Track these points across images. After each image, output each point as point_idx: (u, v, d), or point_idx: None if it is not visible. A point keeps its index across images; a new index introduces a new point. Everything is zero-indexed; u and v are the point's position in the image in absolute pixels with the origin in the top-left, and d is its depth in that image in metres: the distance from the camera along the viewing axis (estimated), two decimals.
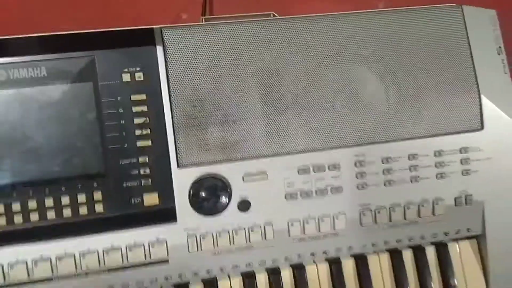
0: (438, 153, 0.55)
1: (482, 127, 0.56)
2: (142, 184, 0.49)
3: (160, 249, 0.50)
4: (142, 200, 0.49)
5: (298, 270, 0.53)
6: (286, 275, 0.53)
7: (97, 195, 0.49)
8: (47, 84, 0.48)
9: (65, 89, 0.48)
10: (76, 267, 0.48)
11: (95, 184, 0.49)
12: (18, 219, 0.47)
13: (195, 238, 0.50)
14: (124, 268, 0.49)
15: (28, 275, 0.47)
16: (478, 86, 0.56)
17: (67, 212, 0.48)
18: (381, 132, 0.54)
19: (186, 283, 0.51)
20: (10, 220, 0.47)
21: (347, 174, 0.53)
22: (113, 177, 0.49)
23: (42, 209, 0.47)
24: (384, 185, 0.54)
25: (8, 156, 0.47)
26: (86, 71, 0.48)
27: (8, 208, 0.47)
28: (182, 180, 0.50)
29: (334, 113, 0.53)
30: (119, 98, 0.49)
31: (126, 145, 0.49)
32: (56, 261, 0.48)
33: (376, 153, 0.54)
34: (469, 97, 0.56)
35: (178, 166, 0.50)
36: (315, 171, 0.53)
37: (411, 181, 0.55)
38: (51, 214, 0.48)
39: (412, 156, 0.54)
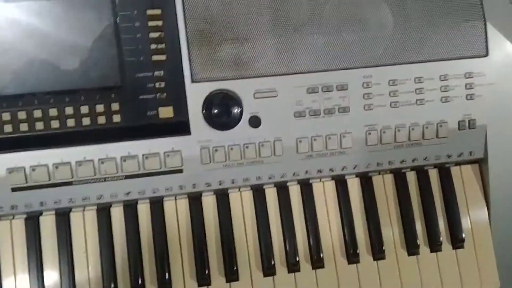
0: (443, 77, 0.56)
1: (487, 54, 0.57)
2: (157, 97, 0.51)
3: (174, 159, 0.52)
4: (158, 112, 0.51)
5: (305, 187, 0.56)
6: (294, 191, 0.56)
7: (115, 106, 0.51)
8: None
9: (83, 2, 0.50)
10: (94, 172, 0.51)
11: (112, 96, 0.51)
12: (39, 125, 0.49)
13: (207, 151, 0.53)
14: (141, 175, 0.52)
15: (49, 178, 0.50)
16: (484, 14, 0.57)
17: (86, 121, 0.50)
18: (389, 55, 0.55)
19: (199, 193, 0.54)
20: (31, 126, 0.49)
21: (354, 95, 0.55)
22: (129, 90, 0.51)
23: (62, 117, 0.50)
24: (390, 106, 0.56)
25: (30, 66, 0.49)
26: None
27: (30, 114, 0.49)
28: (195, 95, 0.52)
29: (343, 36, 0.55)
30: (135, 12, 0.51)
31: (142, 59, 0.51)
32: (76, 165, 0.50)
33: (383, 75, 0.55)
34: (475, 24, 0.57)
35: (192, 81, 0.52)
36: (323, 91, 0.54)
37: (416, 103, 0.56)
38: (70, 122, 0.50)
39: (418, 79, 0.56)
